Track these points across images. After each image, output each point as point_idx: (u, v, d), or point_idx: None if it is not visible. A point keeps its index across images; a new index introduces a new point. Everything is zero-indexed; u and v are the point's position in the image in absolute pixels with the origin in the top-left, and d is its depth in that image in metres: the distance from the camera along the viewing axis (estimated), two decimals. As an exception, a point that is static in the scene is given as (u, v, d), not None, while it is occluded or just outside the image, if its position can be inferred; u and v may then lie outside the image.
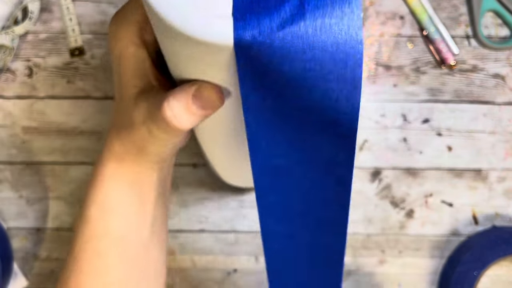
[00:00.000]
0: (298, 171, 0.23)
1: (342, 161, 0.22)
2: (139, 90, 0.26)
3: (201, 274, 0.46)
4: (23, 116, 0.46)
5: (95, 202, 0.30)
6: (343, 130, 0.20)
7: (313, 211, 0.25)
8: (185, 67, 0.22)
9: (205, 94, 0.22)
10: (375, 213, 0.46)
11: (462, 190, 0.46)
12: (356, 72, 0.18)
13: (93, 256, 0.30)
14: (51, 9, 0.46)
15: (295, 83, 0.19)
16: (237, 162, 0.33)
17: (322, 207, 0.25)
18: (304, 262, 0.30)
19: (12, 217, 0.46)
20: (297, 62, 0.18)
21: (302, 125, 0.21)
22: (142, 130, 0.25)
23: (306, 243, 0.28)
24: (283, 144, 0.22)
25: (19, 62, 0.46)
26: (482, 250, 0.43)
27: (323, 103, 0.19)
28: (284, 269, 0.30)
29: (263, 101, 0.20)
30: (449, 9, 0.46)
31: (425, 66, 0.46)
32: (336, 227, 0.26)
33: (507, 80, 0.46)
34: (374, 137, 0.46)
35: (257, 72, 0.19)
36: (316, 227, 0.26)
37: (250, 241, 0.46)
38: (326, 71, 0.18)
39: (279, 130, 0.21)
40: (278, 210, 0.26)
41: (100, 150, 0.45)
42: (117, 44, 0.26)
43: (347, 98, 0.19)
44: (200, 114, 0.23)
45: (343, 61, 0.18)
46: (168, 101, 0.23)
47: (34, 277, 0.46)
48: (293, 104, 0.20)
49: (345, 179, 0.23)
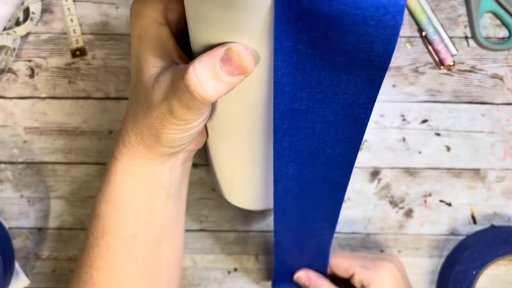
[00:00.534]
0: (316, 114, 0.23)
1: (363, 102, 0.22)
2: (160, 70, 0.25)
3: (201, 273, 0.46)
4: (24, 116, 0.46)
5: (106, 199, 0.30)
6: (372, 72, 0.20)
7: (324, 150, 0.26)
8: (212, 32, 0.21)
9: (235, 58, 0.20)
10: (374, 212, 0.46)
11: (460, 190, 0.46)
12: (397, 18, 0.18)
13: (105, 252, 0.30)
14: (52, 10, 0.46)
15: (332, 26, 0.18)
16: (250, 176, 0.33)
17: (334, 146, 0.25)
18: (309, 198, 0.31)
19: (13, 217, 0.46)
20: (337, 5, 0.17)
21: (331, 67, 0.20)
22: (161, 109, 0.24)
23: (313, 180, 0.29)
24: (307, 88, 0.22)
25: (21, 63, 0.46)
26: (480, 249, 0.43)
27: (358, 45, 0.19)
28: (289, 206, 0.32)
29: (295, 45, 0.20)
30: (448, 10, 0.47)
31: (424, 66, 0.46)
32: (345, 164, 0.27)
33: (506, 80, 0.46)
34: (373, 137, 0.46)
35: (293, 14, 0.18)
36: (326, 165, 0.27)
37: (250, 241, 0.46)
38: (366, 16, 0.18)
39: (306, 73, 0.21)
40: (291, 153, 0.26)
41: (100, 150, 0.46)
42: (139, 22, 0.25)
43: (383, 41, 0.18)
44: (227, 81, 0.21)
45: (385, 7, 0.17)
46: (193, 65, 0.21)
47: (36, 276, 0.46)
48: (326, 47, 0.19)
49: (362, 119, 0.23)
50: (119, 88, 0.46)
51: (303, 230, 0.35)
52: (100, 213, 0.30)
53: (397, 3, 0.17)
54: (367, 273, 0.38)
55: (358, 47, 0.19)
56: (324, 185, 0.29)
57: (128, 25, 0.47)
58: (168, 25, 0.25)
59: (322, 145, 0.25)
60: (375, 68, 0.20)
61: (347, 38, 0.19)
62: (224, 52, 0.20)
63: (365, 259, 0.40)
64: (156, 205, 0.30)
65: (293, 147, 0.26)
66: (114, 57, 0.46)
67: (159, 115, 0.24)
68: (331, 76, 0.21)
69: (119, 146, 0.29)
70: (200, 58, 0.21)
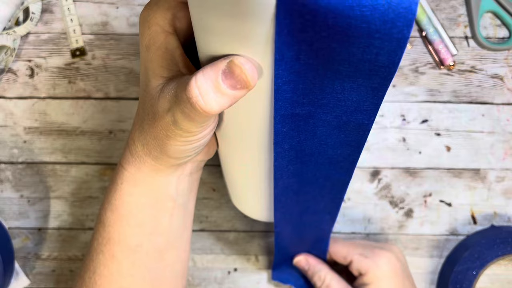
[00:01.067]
0: (317, 118, 0.23)
1: (367, 109, 0.21)
2: (166, 80, 0.24)
3: (201, 273, 0.46)
4: (24, 116, 0.46)
5: (112, 207, 0.29)
6: (377, 81, 0.19)
7: (326, 151, 0.26)
8: (217, 42, 0.20)
9: (237, 72, 0.20)
10: (375, 212, 0.46)
11: (460, 190, 0.46)
12: (405, 32, 0.17)
13: (109, 260, 0.30)
14: (52, 10, 0.46)
15: (336, 37, 0.18)
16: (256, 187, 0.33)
17: (336, 148, 0.25)
18: (309, 193, 0.31)
19: (13, 217, 0.46)
20: (342, 18, 0.17)
21: (334, 75, 0.20)
22: (166, 120, 0.24)
23: (315, 178, 0.29)
24: (308, 95, 0.21)
25: (21, 63, 0.46)
26: (480, 249, 0.43)
27: (362, 56, 0.18)
28: (289, 200, 0.32)
29: (297, 55, 0.19)
30: (448, 10, 0.47)
31: (424, 66, 0.46)
32: (347, 163, 0.26)
33: (506, 80, 0.46)
34: (373, 137, 0.46)
35: (296, 26, 0.18)
36: (327, 164, 0.27)
37: (250, 241, 0.46)
38: (372, 29, 0.17)
39: (308, 80, 0.21)
40: (292, 154, 0.26)
41: (100, 150, 0.46)
42: (147, 31, 0.25)
43: (389, 53, 0.18)
44: (230, 95, 0.21)
45: (392, 21, 0.17)
46: (195, 78, 0.21)
47: (36, 276, 0.46)
48: (329, 57, 0.19)
49: (365, 124, 0.22)
50: (119, 88, 0.46)
51: (303, 221, 0.35)
52: (106, 220, 0.30)
53: (406, 18, 0.16)
54: (365, 261, 0.38)
55: (363, 58, 0.18)
56: (325, 182, 0.29)
57: (128, 25, 0.47)
58: (176, 34, 0.25)
59: (323, 146, 0.25)
60: (380, 78, 0.19)
61: (351, 49, 0.18)
62: (227, 65, 0.20)
63: (364, 247, 0.39)
64: (162, 215, 0.30)
65: (293, 148, 0.26)
66: (114, 57, 0.46)
67: (164, 126, 0.24)
68: (334, 84, 0.21)
69: (126, 155, 0.29)
70: (202, 70, 0.21)
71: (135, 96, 0.46)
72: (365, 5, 0.16)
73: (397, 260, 0.38)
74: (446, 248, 0.46)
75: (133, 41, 0.46)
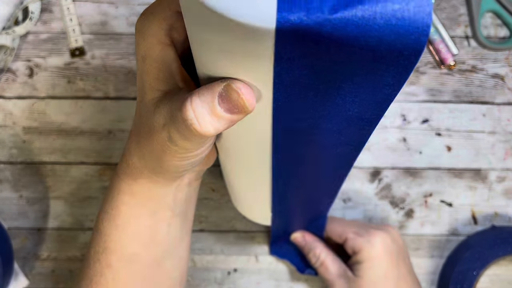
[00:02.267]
0: (317, 127, 0.23)
1: (369, 118, 0.21)
2: (162, 94, 0.24)
3: (201, 273, 0.46)
4: (23, 116, 0.46)
5: (108, 216, 0.29)
6: (381, 97, 0.19)
7: (325, 151, 0.26)
8: (214, 62, 0.19)
9: (234, 96, 0.19)
10: (375, 213, 0.46)
11: (461, 190, 0.46)
12: (412, 60, 0.16)
13: (105, 268, 0.30)
14: (51, 10, 0.46)
15: (339, 62, 0.17)
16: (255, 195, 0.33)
17: (336, 147, 0.25)
18: (307, 186, 0.31)
19: (12, 217, 0.46)
20: (345, 48, 0.16)
21: (336, 91, 0.19)
22: (162, 136, 0.23)
23: (314, 173, 0.29)
24: (309, 110, 0.21)
25: (20, 62, 0.46)
26: (481, 249, 0.43)
27: (366, 77, 0.18)
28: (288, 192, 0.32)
29: (298, 78, 0.18)
30: (449, 10, 0.47)
31: (425, 66, 0.46)
32: (347, 159, 0.26)
33: (506, 80, 0.46)
34: (373, 137, 0.46)
35: (296, 54, 0.17)
36: (327, 161, 0.27)
37: (250, 241, 0.46)
38: (377, 58, 0.16)
39: (308, 100, 0.20)
40: (291, 154, 0.26)
41: (100, 150, 0.46)
42: (143, 42, 0.24)
43: (394, 76, 0.17)
44: (226, 119, 0.20)
45: (399, 51, 0.15)
46: (191, 99, 0.20)
47: (35, 277, 0.46)
48: (331, 77, 0.18)
49: (367, 129, 0.22)
50: (118, 87, 0.46)
51: (301, 205, 0.36)
52: (102, 229, 0.30)
53: (415, 48, 0.15)
54: (359, 240, 0.38)
55: (367, 79, 0.18)
56: (324, 175, 0.29)
57: (127, 25, 0.46)
58: (173, 45, 0.24)
59: (323, 147, 0.25)
60: (384, 94, 0.19)
61: (354, 71, 0.17)
62: (223, 88, 0.19)
63: (360, 227, 0.40)
64: (159, 225, 0.30)
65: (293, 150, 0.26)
66: (114, 57, 0.46)
67: (160, 141, 0.23)
68: (336, 99, 0.20)
69: (123, 165, 0.28)
70: (198, 92, 0.20)
71: (135, 96, 0.46)
72: (371, 36, 0.15)
73: (392, 240, 0.38)
74: (446, 248, 0.46)
75: (133, 41, 0.46)
